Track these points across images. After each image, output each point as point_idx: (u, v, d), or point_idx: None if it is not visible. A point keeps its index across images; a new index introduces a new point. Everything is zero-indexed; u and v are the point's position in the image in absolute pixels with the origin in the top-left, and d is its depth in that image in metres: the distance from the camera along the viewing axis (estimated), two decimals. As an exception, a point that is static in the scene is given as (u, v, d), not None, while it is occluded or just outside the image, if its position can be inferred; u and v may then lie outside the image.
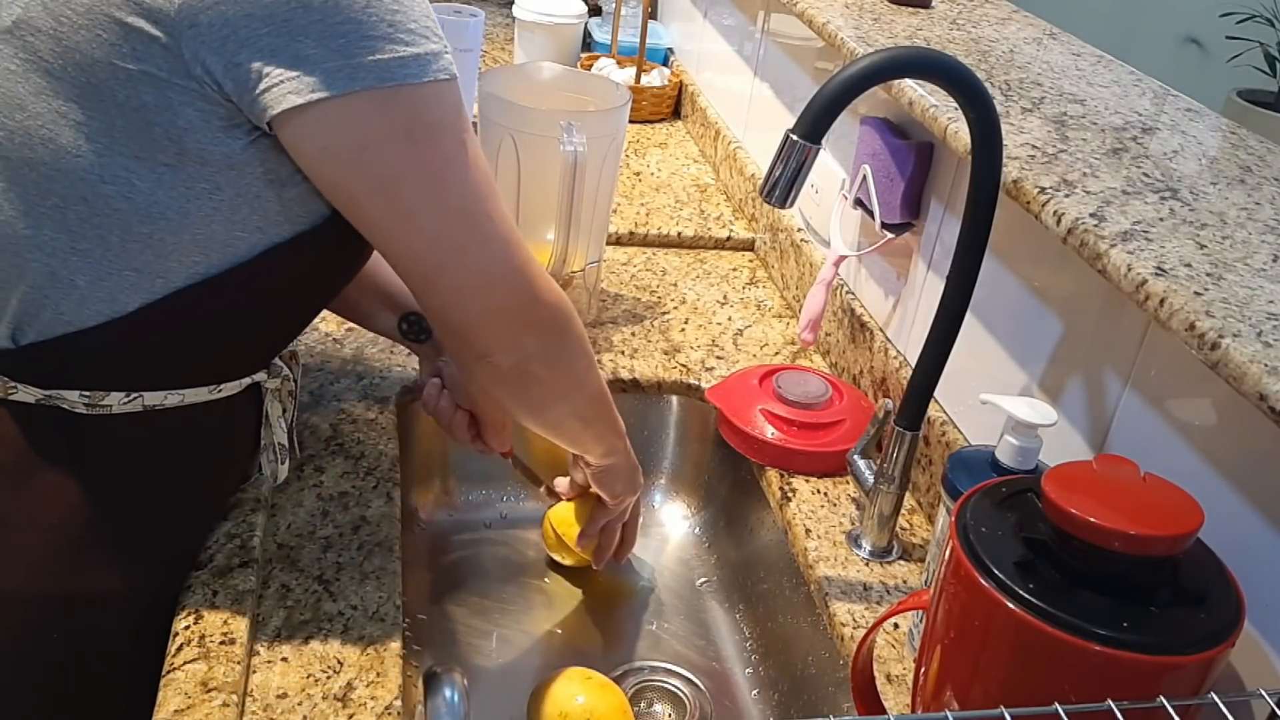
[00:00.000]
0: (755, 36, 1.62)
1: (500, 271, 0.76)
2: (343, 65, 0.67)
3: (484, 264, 0.75)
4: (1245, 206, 0.86)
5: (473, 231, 0.74)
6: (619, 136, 1.22)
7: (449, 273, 0.75)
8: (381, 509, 0.97)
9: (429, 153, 0.71)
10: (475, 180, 0.74)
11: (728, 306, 1.38)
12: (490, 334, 0.79)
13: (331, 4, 0.66)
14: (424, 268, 0.75)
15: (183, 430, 0.83)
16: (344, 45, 0.67)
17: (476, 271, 0.75)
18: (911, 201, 1.10)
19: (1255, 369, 0.64)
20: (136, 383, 0.78)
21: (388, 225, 0.73)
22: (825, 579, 0.97)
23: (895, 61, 0.79)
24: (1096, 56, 1.22)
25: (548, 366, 0.83)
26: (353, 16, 0.67)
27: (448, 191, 0.73)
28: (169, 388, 0.80)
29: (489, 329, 0.79)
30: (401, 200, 0.72)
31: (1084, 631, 0.60)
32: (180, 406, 0.81)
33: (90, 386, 0.77)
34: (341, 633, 0.84)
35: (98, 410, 0.77)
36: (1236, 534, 0.71)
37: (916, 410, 0.92)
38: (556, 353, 0.83)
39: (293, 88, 0.67)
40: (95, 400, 0.77)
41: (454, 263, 0.75)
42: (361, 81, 0.67)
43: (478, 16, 1.69)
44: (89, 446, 0.79)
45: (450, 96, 0.72)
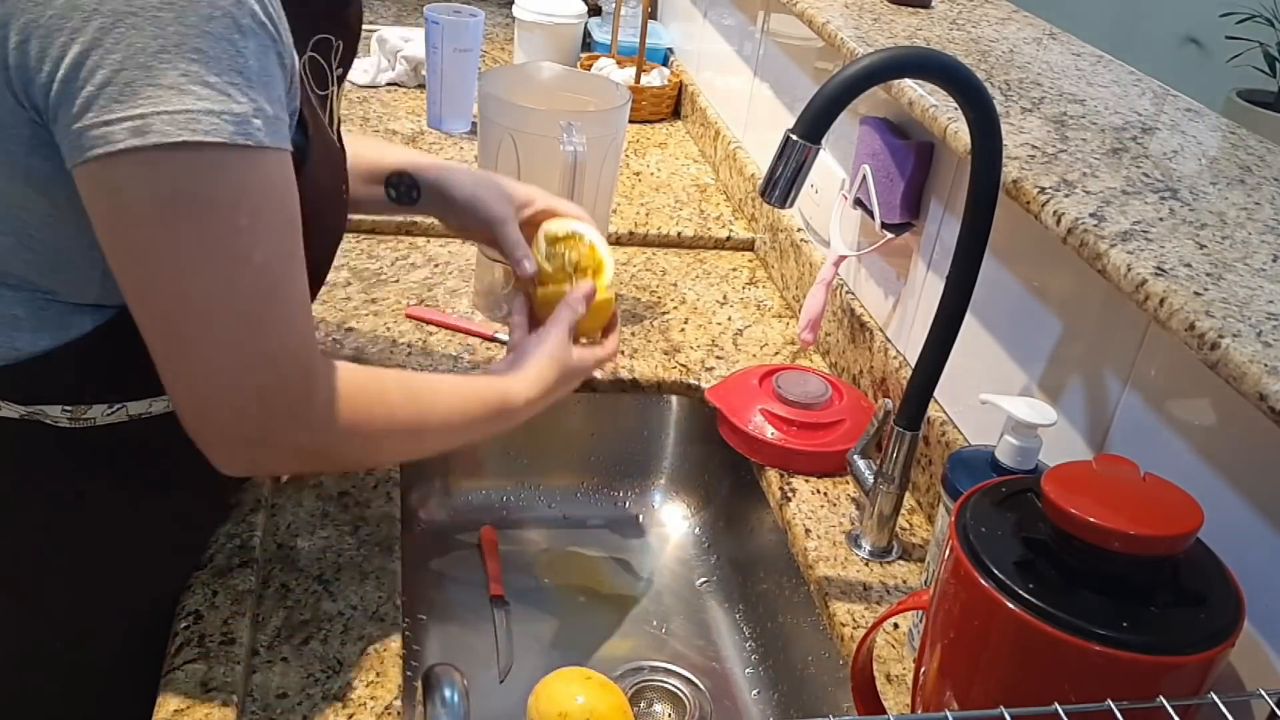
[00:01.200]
0: (755, 36, 1.62)
1: (230, 383, 0.67)
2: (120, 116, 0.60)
3: (211, 368, 0.67)
4: (1245, 206, 0.86)
5: (211, 325, 0.66)
6: (619, 136, 1.22)
7: (174, 361, 0.68)
8: (381, 509, 0.97)
9: (191, 227, 0.63)
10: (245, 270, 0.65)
11: (727, 306, 1.38)
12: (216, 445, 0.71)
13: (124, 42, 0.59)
14: (165, 341, 0.67)
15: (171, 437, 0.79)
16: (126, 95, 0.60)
17: (202, 374, 0.67)
18: (911, 201, 1.10)
19: (1255, 369, 0.64)
20: (117, 394, 0.76)
21: (128, 286, 0.66)
22: (825, 579, 0.97)
23: (895, 61, 0.79)
24: (1096, 56, 1.22)
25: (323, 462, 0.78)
26: (143, 62, 0.59)
27: (201, 273, 0.64)
28: (152, 395, 0.77)
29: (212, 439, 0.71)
30: (144, 268, 0.64)
31: (1084, 631, 0.60)
32: (168, 413, 0.78)
33: (71, 401, 0.75)
34: (341, 633, 0.84)
35: (81, 423, 0.75)
36: (1236, 534, 0.71)
37: (916, 410, 0.92)
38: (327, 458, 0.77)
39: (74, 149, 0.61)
40: (78, 414, 0.75)
41: (178, 352, 0.67)
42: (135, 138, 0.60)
43: (478, 16, 1.69)
44: (76, 459, 0.77)
45: (240, 167, 0.63)
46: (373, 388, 0.76)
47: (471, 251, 1.42)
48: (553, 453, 1.26)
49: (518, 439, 1.24)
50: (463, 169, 1.05)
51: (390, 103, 1.83)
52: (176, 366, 0.68)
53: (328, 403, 0.72)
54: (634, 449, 1.27)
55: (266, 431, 0.70)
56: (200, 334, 0.66)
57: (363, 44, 2.03)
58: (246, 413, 0.68)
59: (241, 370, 0.67)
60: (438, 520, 1.22)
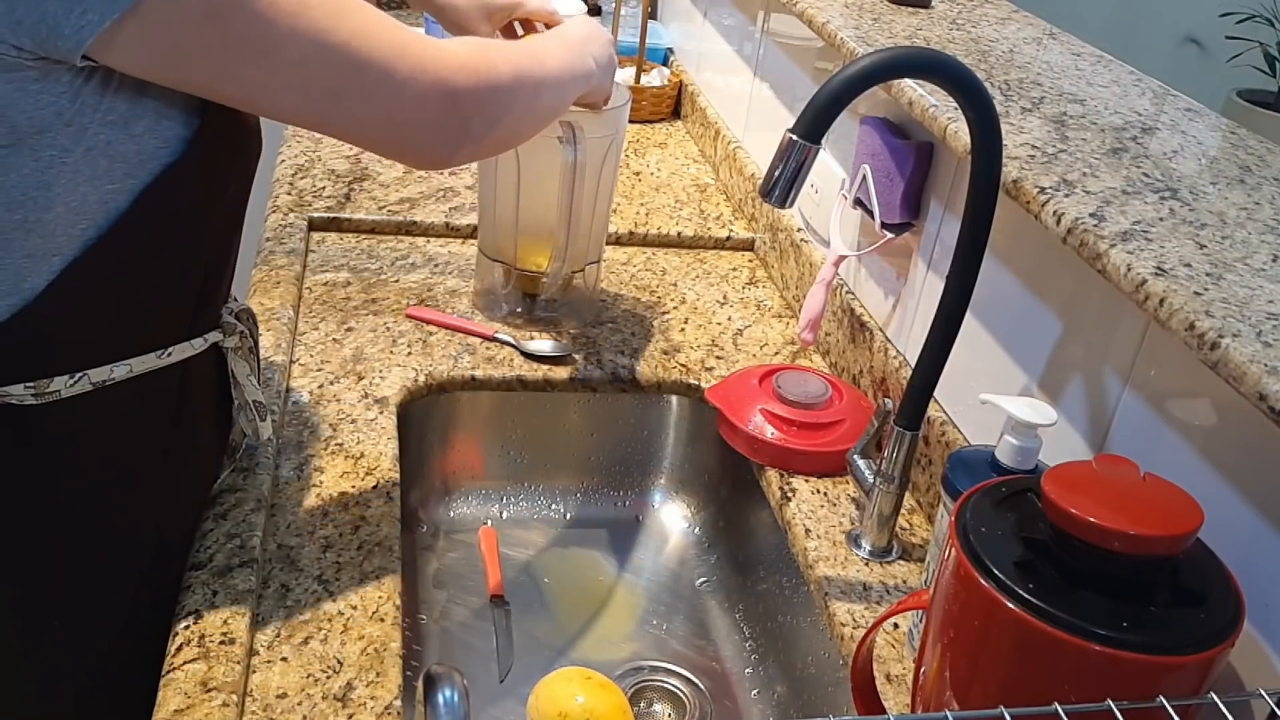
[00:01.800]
0: (755, 36, 1.62)
1: (390, 99, 0.74)
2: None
3: (367, 95, 0.73)
4: (1245, 206, 0.86)
5: (337, 72, 0.71)
6: (619, 136, 1.22)
7: (339, 122, 0.74)
8: (381, 509, 0.97)
9: (245, 22, 0.67)
10: (315, 16, 0.69)
11: (727, 306, 1.38)
12: (428, 152, 0.79)
13: None
14: (311, 123, 0.74)
15: (139, 406, 0.81)
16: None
17: (363, 106, 0.73)
18: (911, 201, 1.10)
19: (1255, 369, 0.64)
20: (77, 362, 0.76)
21: (251, 103, 0.72)
22: (825, 579, 0.97)
23: (895, 61, 0.79)
24: (1096, 56, 1.22)
25: (513, 118, 0.83)
26: None
27: (286, 49, 0.69)
28: (112, 360, 0.77)
29: (422, 150, 0.79)
30: (246, 78, 0.69)
31: (1084, 631, 0.60)
32: (131, 379, 0.78)
33: (32, 376, 0.74)
34: (341, 633, 0.84)
35: (46, 398, 0.75)
36: (1236, 534, 0.71)
37: (916, 410, 0.92)
38: (510, 108, 0.83)
39: (84, 21, 0.63)
40: (41, 389, 0.75)
41: (336, 108, 0.73)
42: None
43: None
44: (47, 438, 0.77)
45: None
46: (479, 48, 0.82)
47: (471, 251, 1.42)
48: (553, 453, 1.26)
49: (518, 439, 1.24)
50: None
51: (390, 103, 1.82)
52: (343, 123, 0.74)
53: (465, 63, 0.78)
54: (634, 449, 1.27)
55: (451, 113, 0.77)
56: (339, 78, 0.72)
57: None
58: (422, 100, 0.75)
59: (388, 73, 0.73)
60: (438, 520, 1.22)
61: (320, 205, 1.45)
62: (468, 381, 1.18)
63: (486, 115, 0.81)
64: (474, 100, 0.79)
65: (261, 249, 1.32)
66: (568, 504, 1.27)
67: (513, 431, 1.24)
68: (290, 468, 1.01)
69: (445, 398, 1.19)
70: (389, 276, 1.34)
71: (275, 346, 1.13)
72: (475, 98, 0.79)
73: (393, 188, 1.52)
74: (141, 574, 0.85)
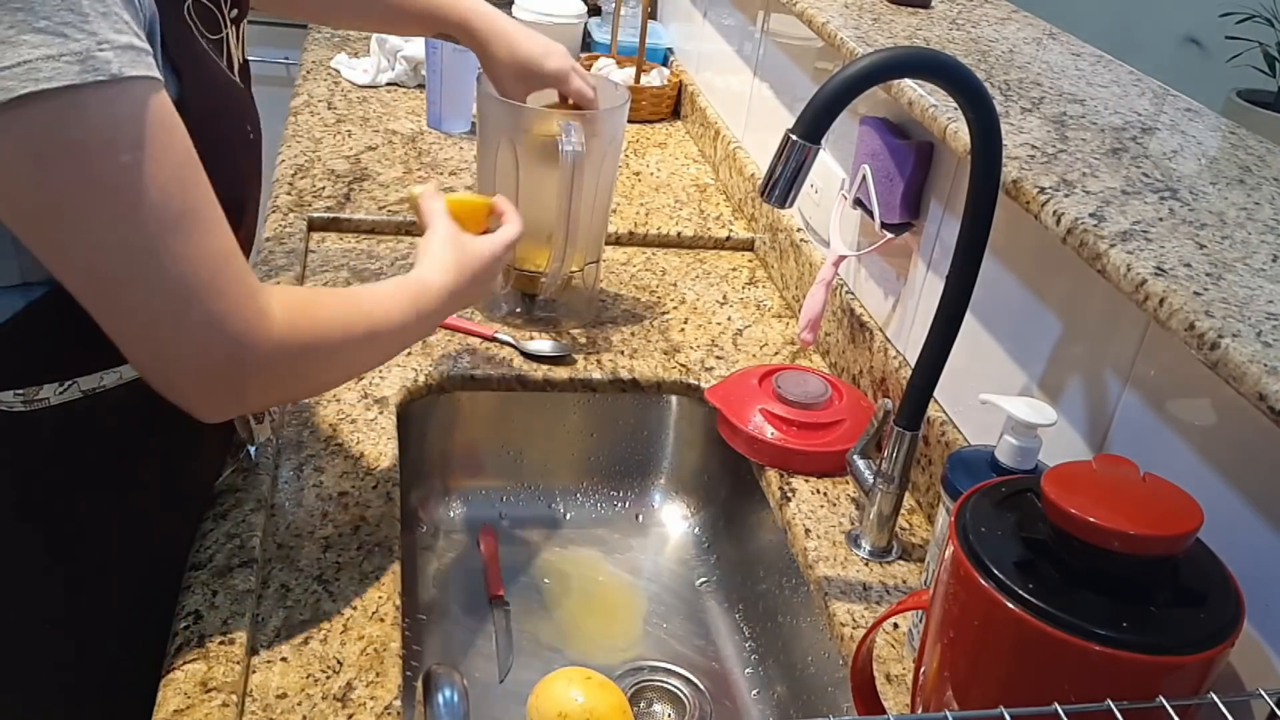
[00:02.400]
0: (755, 36, 1.62)
1: (174, 326, 0.67)
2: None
3: (152, 314, 0.66)
4: (1245, 206, 0.86)
5: (133, 272, 0.64)
6: (618, 136, 1.22)
7: (115, 320, 0.67)
8: (381, 509, 0.97)
9: (69, 179, 0.61)
10: (141, 212, 0.63)
11: (727, 306, 1.38)
12: (183, 395, 0.72)
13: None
14: (89, 305, 0.67)
15: (132, 411, 0.80)
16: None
17: (144, 322, 0.67)
18: (911, 201, 1.11)
19: (1255, 369, 0.64)
20: (64, 370, 0.75)
21: (43, 255, 0.65)
22: (825, 579, 0.97)
23: (895, 61, 0.79)
24: (1096, 56, 1.22)
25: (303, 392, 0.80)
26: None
27: (97, 224, 0.63)
28: (102, 367, 0.77)
29: (177, 391, 0.71)
30: (46, 233, 0.64)
31: (1084, 631, 0.60)
32: (121, 385, 0.78)
33: (21, 384, 0.74)
34: (341, 633, 0.84)
35: (35, 406, 0.75)
36: (1236, 534, 0.71)
37: (916, 410, 0.92)
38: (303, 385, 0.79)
39: None
40: (30, 396, 0.74)
41: (115, 309, 0.66)
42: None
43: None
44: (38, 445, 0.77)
45: (102, 105, 0.61)
46: (314, 300, 0.77)
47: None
48: (553, 453, 1.26)
49: (518, 439, 1.24)
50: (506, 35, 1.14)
51: (390, 103, 1.83)
52: (116, 324, 0.67)
53: (286, 319, 0.72)
54: (634, 449, 1.27)
55: (240, 361, 0.70)
56: (124, 281, 0.65)
57: (363, 43, 2.04)
58: (210, 345, 0.68)
59: (184, 299, 0.66)
60: (438, 520, 1.22)
61: (320, 205, 1.45)
62: (468, 381, 1.18)
63: (269, 391, 0.76)
64: (263, 373, 0.72)
65: (261, 249, 1.32)
66: (568, 504, 1.27)
67: (513, 431, 1.24)
68: (290, 468, 1.01)
69: (445, 398, 1.19)
70: (389, 276, 1.34)
71: (275, 346, 1.12)
72: (266, 370, 0.72)
73: (393, 188, 1.52)
74: (140, 575, 0.85)
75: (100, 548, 0.81)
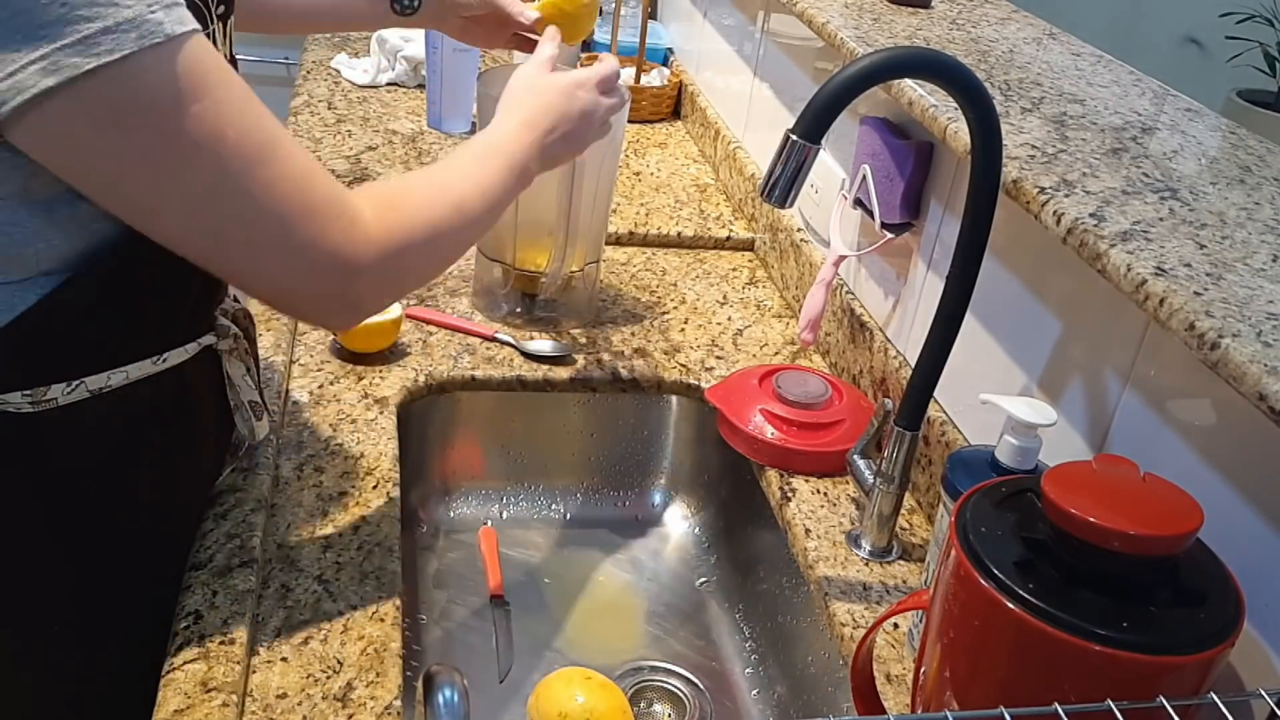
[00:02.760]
0: (755, 36, 1.62)
1: (278, 256, 0.70)
2: (24, 63, 0.59)
3: (255, 250, 0.69)
4: (1245, 206, 0.86)
5: (227, 217, 0.67)
6: (618, 136, 1.22)
7: (222, 268, 0.71)
8: (381, 509, 0.97)
9: (149, 139, 0.63)
10: (223, 154, 0.65)
11: (727, 306, 1.38)
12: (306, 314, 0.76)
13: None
14: (195, 255, 0.70)
15: (137, 411, 0.80)
16: (18, 39, 0.59)
17: (247, 259, 0.70)
18: (911, 201, 1.11)
19: (1255, 369, 0.64)
20: (72, 369, 0.76)
21: (138, 220, 0.68)
22: (825, 579, 0.97)
23: (895, 61, 0.79)
24: (1096, 56, 1.22)
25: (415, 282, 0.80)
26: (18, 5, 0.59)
27: (186, 176, 0.65)
28: (107, 368, 0.77)
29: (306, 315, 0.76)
30: (136, 196, 0.66)
31: (1084, 631, 0.60)
32: (127, 385, 0.78)
33: (29, 385, 0.74)
34: (341, 633, 0.84)
35: (43, 406, 0.75)
36: (1236, 534, 0.71)
37: (916, 410, 0.92)
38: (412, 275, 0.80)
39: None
40: (38, 397, 0.74)
41: (218, 253, 0.69)
42: (48, 78, 0.59)
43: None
44: (45, 445, 0.77)
45: (164, 64, 0.63)
46: (400, 191, 0.79)
47: (471, 251, 1.42)
48: (553, 453, 1.26)
49: (518, 439, 1.24)
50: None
51: (390, 103, 1.83)
52: (227, 265, 0.70)
53: (378, 219, 0.74)
54: (634, 449, 1.27)
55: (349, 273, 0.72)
56: (222, 225, 0.67)
57: (363, 44, 2.04)
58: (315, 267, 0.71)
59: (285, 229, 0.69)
60: (438, 520, 1.22)
61: (320, 205, 1.45)
62: (468, 381, 1.18)
63: (382, 289, 0.77)
64: (372, 278, 0.74)
65: (261, 249, 1.32)
66: (568, 504, 1.27)
67: (513, 431, 1.24)
68: (290, 468, 1.01)
69: (445, 398, 1.19)
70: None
71: (275, 346, 1.13)
72: (374, 275, 0.74)
73: (393, 188, 1.52)
74: (141, 575, 0.85)
75: (104, 548, 0.81)
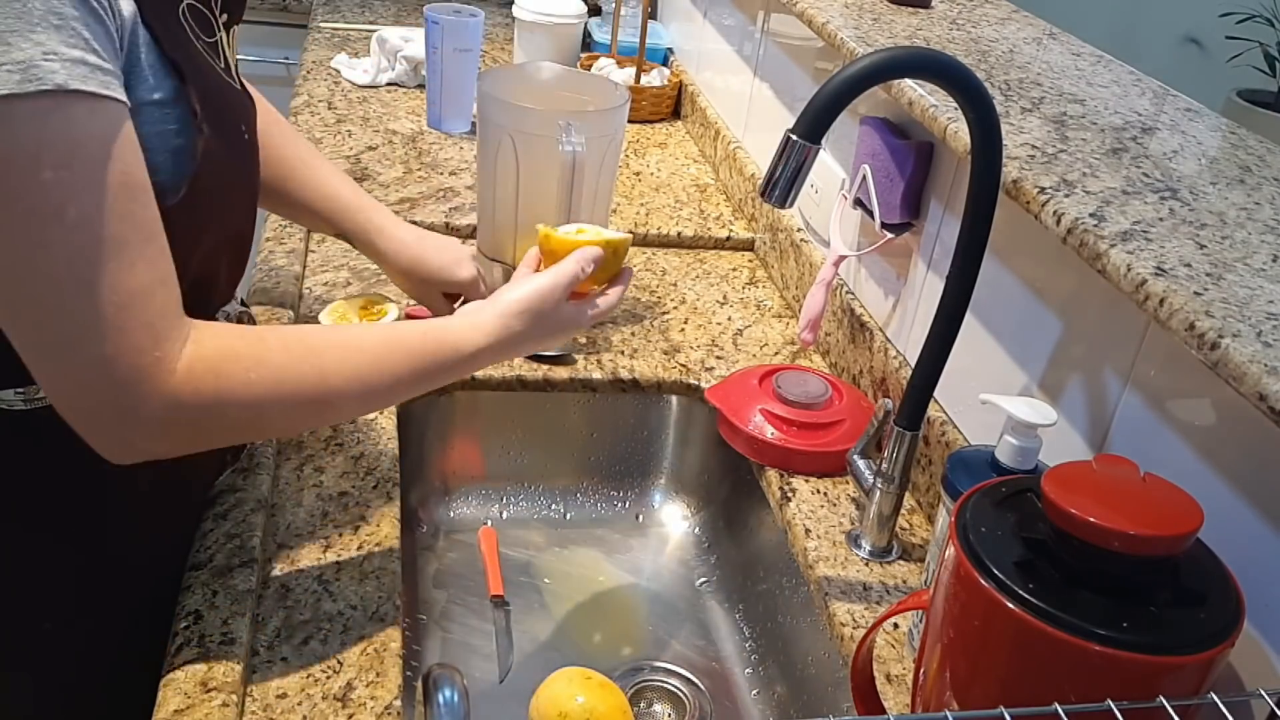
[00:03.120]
0: (755, 36, 1.62)
1: (63, 357, 0.64)
2: None
3: (45, 339, 0.64)
4: (1245, 206, 0.86)
5: (31, 293, 0.62)
6: (618, 136, 1.22)
7: (11, 334, 0.65)
8: (381, 509, 0.97)
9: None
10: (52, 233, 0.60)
11: (727, 306, 1.38)
12: (81, 428, 0.67)
13: None
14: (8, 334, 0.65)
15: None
16: None
17: (36, 345, 0.64)
18: (911, 201, 1.10)
19: (1255, 369, 0.64)
20: None
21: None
22: (825, 579, 0.97)
23: (895, 61, 0.79)
24: (1096, 56, 1.22)
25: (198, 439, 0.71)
26: None
27: (2, 236, 0.60)
28: None
29: (74, 420, 0.67)
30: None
31: (1084, 631, 0.60)
32: None
33: (21, 383, 0.74)
34: (341, 633, 0.84)
35: (35, 404, 0.75)
36: (1236, 534, 0.71)
37: (916, 410, 0.92)
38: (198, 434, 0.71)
39: None
40: (31, 395, 0.75)
41: (10, 323, 0.64)
42: None
43: (477, 16, 1.69)
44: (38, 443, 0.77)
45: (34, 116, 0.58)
46: (248, 351, 0.71)
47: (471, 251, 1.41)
48: (553, 453, 1.26)
49: (518, 439, 1.24)
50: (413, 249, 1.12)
51: (390, 103, 1.83)
52: (14, 339, 0.65)
53: (190, 373, 0.67)
54: (634, 449, 1.27)
55: (125, 410, 0.66)
56: (23, 303, 0.62)
57: (363, 44, 2.04)
58: (95, 387, 0.64)
59: (79, 339, 0.63)
60: (438, 520, 1.22)
61: (320, 205, 1.45)
62: (468, 382, 1.18)
63: (165, 442, 0.70)
64: (151, 430, 0.68)
65: (261, 249, 1.32)
66: (568, 504, 1.27)
67: (513, 431, 1.24)
68: (290, 468, 1.01)
69: (445, 398, 1.19)
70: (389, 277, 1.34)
71: (275, 346, 1.13)
72: (153, 428, 0.68)
73: (393, 188, 1.52)
74: (141, 574, 0.85)
75: (102, 547, 0.82)
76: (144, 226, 0.65)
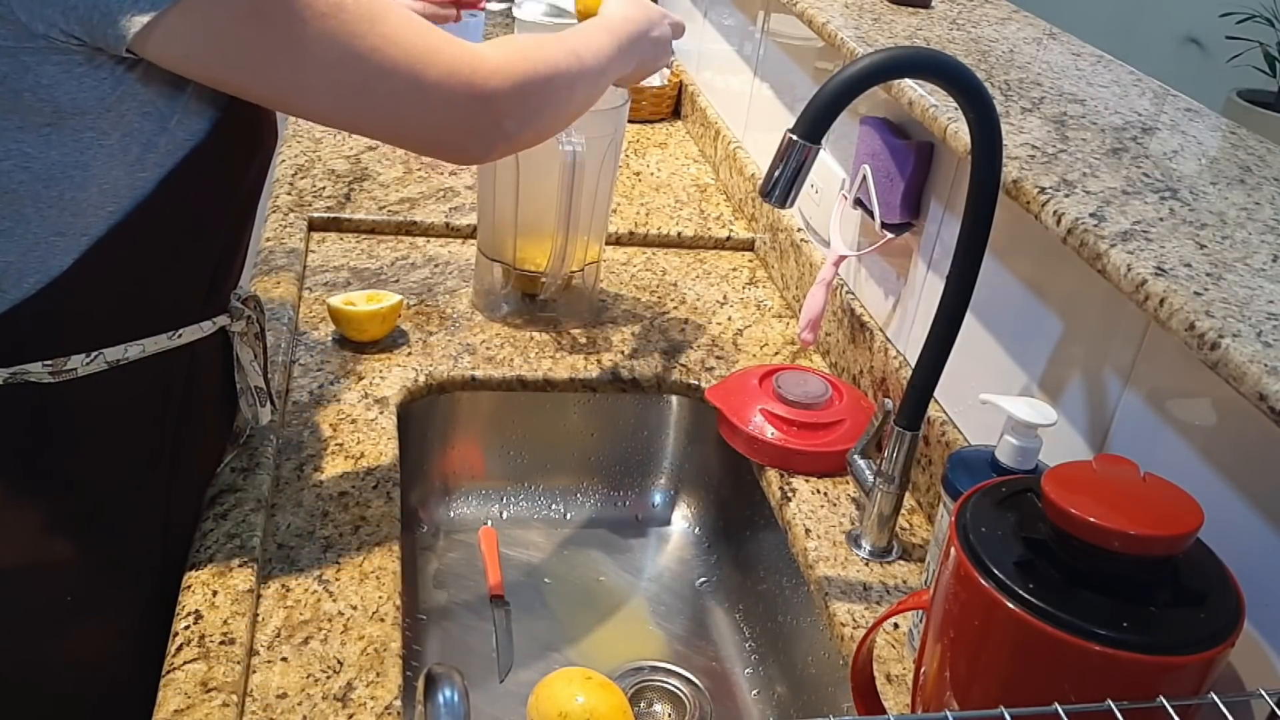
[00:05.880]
0: (755, 36, 1.62)
1: (418, 98, 0.76)
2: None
3: (398, 98, 0.75)
4: (1245, 206, 0.86)
5: (367, 72, 0.73)
6: (618, 136, 1.22)
7: (371, 123, 0.77)
8: (381, 509, 0.97)
9: (285, 21, 0.70)
10: (348, 19, 0.72)
11: (728, 306, 1.38)
12: (462, 152, 0.81)
13: None
14: (342, 123, 0.76)
15: (149, 388, 0.82)
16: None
17: (393, 108, 0.76)
18: (911, 201, 1.10)
19: (1255, 369, 0.64)
20: (92, 341, 0.78)
21: (283, 102, 0.74)
22: (825, 579, 0.97)
23: (895, 61, 0.79)
24: (1096, 56, 1.22)
25: (549, 115, 0.85)
26: None
27: (319, 48, 0.71)
28: (126, 339, 0.79)
29: (455, 149, 0.81)
30: (280, 77, 0.72)
31: (1084, 631, 0.60)
32: (143, 359, 0.80)
33: (50, 354, 0.76)
34: (341, 633, 0.84)
35: (64, 376, 0.77)
36: (1236, 534, 0.71)
37: (916, 410, 0.92)
38: (544, 107, 0.85)
39: (134, 11, 0.66)
40: (59, 367, 0.77)
41: (367, 109, 0.75)
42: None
43: (478, 16, 1.69)
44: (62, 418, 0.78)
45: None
46: (514, 40, 0.85)
47: (471, 251, 1.42)
48: (553, 453, 1.26)
49: (518, 439, 1.24)
50: None
51: (390, 103, 1.82)
52: (373, 121, 0.76)
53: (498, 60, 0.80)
54: (634, 449, 1.27)
55: (476, 106, 0.78)
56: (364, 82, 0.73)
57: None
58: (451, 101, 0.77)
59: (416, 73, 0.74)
60: (438, 520, 1.22)
61: (320, 205, 1.45)
62: (468, 381, 1.18)
63: (519, 115, 0.82)
64: (506, 103, 0.80)
65: (261, 249, 1.32)
66: (568, 504, 1.27)
67: (513, 431, 1.24)
68: (290, 468, 1.01)
69: (445, 398, 1.19)
70: (389, 276, 1.34)
71: (275, 347, 1.13)
72: (508, 100, 0.80)
73: (393, 188, 1.52)
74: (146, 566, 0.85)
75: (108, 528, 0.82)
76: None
